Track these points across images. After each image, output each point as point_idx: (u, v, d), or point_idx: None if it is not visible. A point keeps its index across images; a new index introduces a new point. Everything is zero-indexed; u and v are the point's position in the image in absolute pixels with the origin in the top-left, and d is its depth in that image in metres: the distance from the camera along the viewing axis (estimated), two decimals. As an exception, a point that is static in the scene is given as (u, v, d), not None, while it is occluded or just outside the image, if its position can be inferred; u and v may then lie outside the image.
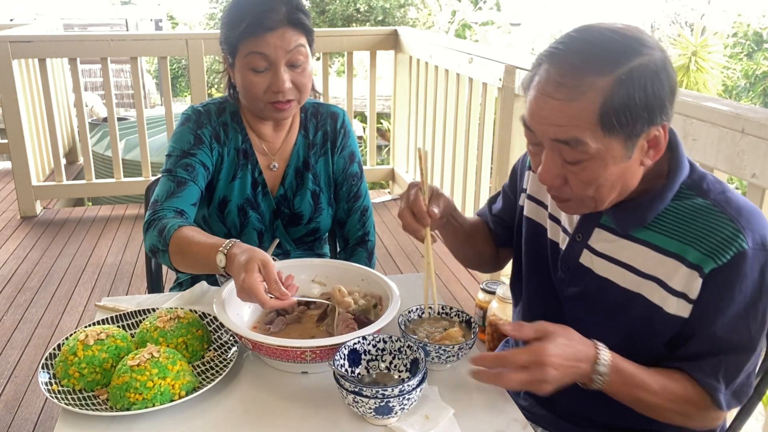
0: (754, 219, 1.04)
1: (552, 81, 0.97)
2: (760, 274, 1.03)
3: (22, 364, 2.55)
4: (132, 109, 8.18)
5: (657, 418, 1.11)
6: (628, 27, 1.00)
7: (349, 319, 1.23)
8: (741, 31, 10.71)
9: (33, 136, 4.25)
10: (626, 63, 0.95)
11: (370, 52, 4.27)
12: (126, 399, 1.03)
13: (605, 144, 0.98)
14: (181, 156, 1.49)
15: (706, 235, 1.04)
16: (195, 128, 1.52)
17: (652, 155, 1.03)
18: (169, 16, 17.92)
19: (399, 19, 13.25)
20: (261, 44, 1.39)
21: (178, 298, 1.41)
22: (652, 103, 0.96)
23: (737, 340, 1.06)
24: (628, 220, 1.10)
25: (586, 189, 1.04)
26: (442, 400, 1.08)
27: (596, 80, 0.95)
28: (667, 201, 1.08)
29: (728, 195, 1.07)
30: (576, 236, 1.18)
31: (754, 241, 1.02)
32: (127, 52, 4.03)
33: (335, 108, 1.66)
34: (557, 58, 0.98)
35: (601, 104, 0.95)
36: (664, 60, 0.98)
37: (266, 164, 1.59)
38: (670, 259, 1.06)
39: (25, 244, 3.70)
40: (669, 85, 0.98)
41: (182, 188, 1.45)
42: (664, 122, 1.00)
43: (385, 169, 4.70)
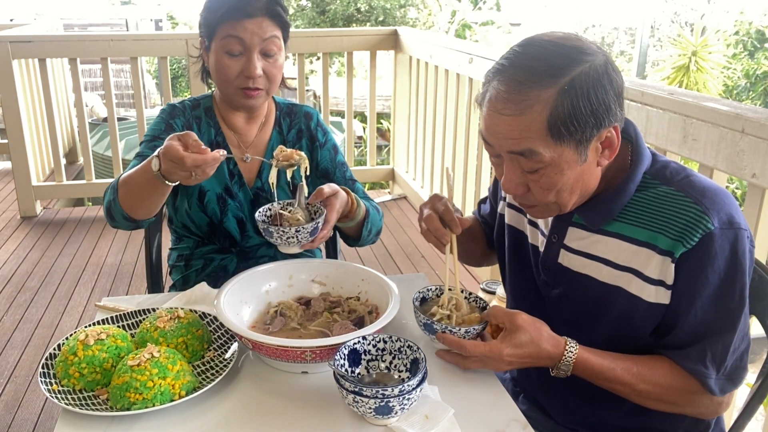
0: (718, 199, 1.06)
1: (501, 98, 1.02)
2: (731, 252, 1.05)
3: (22, 364, 2.55)
4: (132, 109, 8.17)
5: (647, 406, 1.13)
6: (567, 36, 1.04)
7: (348, 325, 1.23)
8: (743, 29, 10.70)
9: (33, 136, 4.26)
10: (567, 73, 0.99)
11: (370, 52, 4.27)
12: (126, 399, 1.03)
13: (558, 152, 1.03)
14: (151, 140, 1.55)
15: (673, 221, 1.06)
16: (167, 118, 1.59)
17: (608, 155, 1.07)
18: (169, 16, 17.90)
19: (399, 19, 13.25)
20: (238, 29, 1.44)
21: (178, 298, 1.41)
22: (597, 109, 1.00)
23: (718, 322, 1.07)
24: (597, 215, 1.14)
25: (548, 195, 1.09)
26: (442, 400, 1.08)
27: (541, 93, 1.00)
28: (631, 192, 1.11)
29: (691, 179, 1.10)
30: (552, 237, 1.21)
31: (720, 221, 1.04)
32: (127, 52, 4.04)
33: (308, 108, 1.71)
34: (503, 75, 1.03)
35: (548, 115, 1.00)
36: (605, 63, 1.02)
37: (239, 156, 1.61)
38: (643, 248, 1.09)
39: (25, 244, 3.70)
40: (613, 88, 1.02)
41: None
42: (614, 124, 1.04)
43: (385, 169, 4.70)
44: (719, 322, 1.07)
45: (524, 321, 1.11)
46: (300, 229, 1.29)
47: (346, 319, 1.27)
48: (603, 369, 1.11)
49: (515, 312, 1.13)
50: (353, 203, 1.44)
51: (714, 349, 1.07)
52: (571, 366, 1.11)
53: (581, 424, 1.27)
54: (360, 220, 1.49)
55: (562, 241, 1.19)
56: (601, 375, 1.11)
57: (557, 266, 1.21)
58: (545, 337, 1.11)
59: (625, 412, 1.21)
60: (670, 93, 1.90)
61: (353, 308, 1.30)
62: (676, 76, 9.88)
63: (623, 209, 1.12)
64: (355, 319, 1.26)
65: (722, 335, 1.07)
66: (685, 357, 1.09)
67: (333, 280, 1.37)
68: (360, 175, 4.70)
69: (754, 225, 1.67)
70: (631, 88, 2.03)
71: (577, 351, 1.11)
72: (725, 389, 1.10)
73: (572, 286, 1.20)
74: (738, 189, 7.13)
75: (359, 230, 1.52)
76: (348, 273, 1.37)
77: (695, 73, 9.71)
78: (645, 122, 1.97)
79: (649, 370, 1.11)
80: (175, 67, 13.50)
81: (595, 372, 1.11)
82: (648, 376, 1.10)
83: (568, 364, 1.11)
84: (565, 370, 1.11)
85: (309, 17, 12.74)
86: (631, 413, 1.20)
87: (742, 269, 1.06)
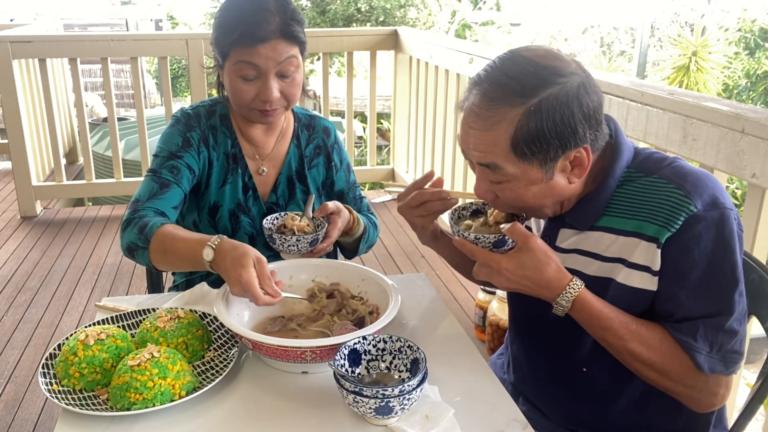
0: (700, 182, 1.07)
1: (472, 112, 1.07)
2: (717, 232, 1.05)
3: (22, 364, 2.55)
4: (132, 109, 8.18)
5: (635, 371, 1.12)
6: (547, 54, 1.06)
7: (348, 326, 1.23)
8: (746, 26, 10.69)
9: (33, 136, 4.26)
10: (536, 95, 1.01)
11: (370, 52, 4.27)
12: (126, 399, 1.03)
13: (521, 169, 1.06)
14: (168, 157, 1.49)
15: (658, 208, 1.08)
16: (184, 131, 1.52)
17: (578, 173, 1.09)
18: (169, 16, 17.90)
19: (399, 19, 13.25)
20: (252, 54, 1.38)
21: (178, 298, 1.41)
22: (562, 131, 1.02)
23: (711, 302, 1.06)
24: (585, 216, 1.16)
25: (515, 203, 1.12)
26: (442, 400, 1.08)
27: (508, 112, 1.03)
28: (611, 187, 1.13)
29: (674, 165, 1.11)
30: (544, 238, 1.22)
31: (704, 202, 1.05)
32: (127, 52, 4.03)
33: (327, 122, 1.69)
34: (478, 87, 1.07)
35: (512, 134, 1.03)
36: (579, 86, 1.04)
37: (255, 168, 1.58)
38: (630, 238, 1.10)
39: (25, 244, 3.70)
40: (582, 111, 1.03)
41: (165, 190, 1.45)
42: (584, 145, 1.05)
43: (385, 169, 4.70)
44: (713, 303, 1.06)
45: (536, 245, 1.09)
46: (300, 239, 1.37)
47: (346, 319, 1.27)
48: (601, 316, 1.09)
49: (531, 234, 1.10)
50: (354, 222, 1.51)
51: (706, 327, 1.06)
52: (570, 302, 1.09)
53: (579, 425, 1.28)
54: (358, 237, 1.57)
55: (554, 243, 1.21)
56: (598, 322, 1.10)
57: None
58: (552, 268, 1.09)
59: (621, 410, 1.20)
60: (670, 93, 1.90)
61: (354, 308, 1.30)
62: (676, 76, 9.88)
63: (610, 204, 1.13)
64: (356, 320, 1.26)
65: (718, 315, 1.06)
66: (677, 329, 1.08)
67: (333, 280, 1.37)
68: (360, 175, 4.70)
69: (754, 225, 1.67)
70: (631, 88, 2.03)
71: (580, 289, 1.09)
72: (715, 369, 1.08)
73: None
74: (738, 189, 7.13)
75: (356, 245, 1.60)
76: (348, 273, 1.37)
77: (695, 73, 9.71)
78: (645, 122, 1.97)
79: (646, 331, 1.10)
80: (175, 67, 13.50)
81: (594, 316, 1.09)
82: (644, 337, 1.09)
83: (569, 300, 1.09)
84: (563, 305, 1.09)
85: (309, 17, 12.73)
86: (628, 409, 1.20)
87: (731, 248, 1.05)
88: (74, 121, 5.28)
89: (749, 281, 1.25)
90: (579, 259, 1.17)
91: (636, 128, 2.01)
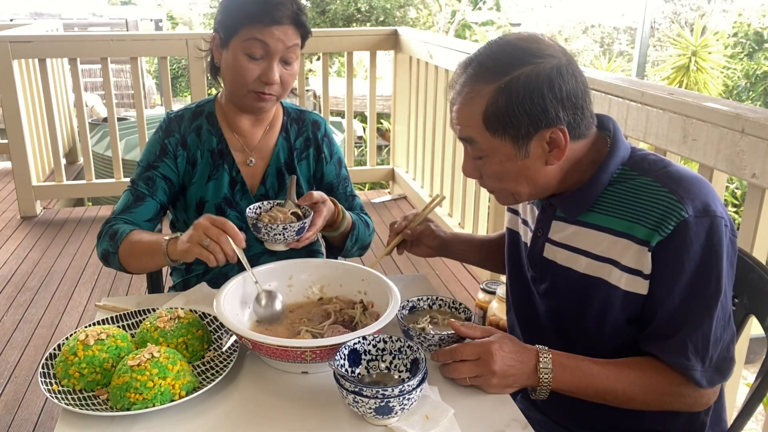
0: (694, 187, 1.08)
1: (454, 89, 1.13)
2: (707, 239, 1.05)
3: (22, 364, 2.55)
4: (132, 109, 8.17)
5: (635, 407, 1.14)
6: (528, 38, 1.11)
7: (339, 329, 1.23)
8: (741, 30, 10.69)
9: (33, 136, 4.25)
10: (509, 73, 1.06)
11: (370, 52, 4.27)
12: (126, 399, 1.03)
13: (494, 144, 1.11)
14: (146, 168, 1.56)
15: (650, 210, 1.08)
16: (162, 137, 1.57)
17: (557, 155, 1.11)
18: (169, 16, 17.90)
19: (399, 19, 13.25)
20: (265, 33, 1.41)
21: (178, 298, 1.41)
22: (531, 109, 1.06)
23: (695, 310, 1.07)
24: (573, 205, 1.17)
25: (496, 182, 1.17)
26: (442, 400, 1.08)
27: (482, 88, 1.08)
28: (604, 181, 1.14)
29: (669, 169, 1.12)
30: (537, 232, 1.25)
31: (695, 208, 1.05)
32: (127, 52, 4.03)
33: (317, 116, 1.70)
34: (464, 67, 1.12)
35: (484, 109, 1.08)
36: (554, 68, 1.06)
37: (243, 160, 1.60)
38: (621, 238, 1.11)
39: (25, 244, 3.70)
40: (554, 93, 1.06)
41: (139, 204, 1.53)
42: (558, 125, 1.07)
43: (385, 169, 4.70)
44: (696, 311, 1.07)
45: (500, 331, 1.14)
46: (287, 227, 1.33)
47: (339, 323, 1.27)
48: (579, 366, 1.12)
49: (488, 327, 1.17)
50: (339, 215, 1.50)
51: (694, 339, 1.08)
52: (551, 361, 1.11)
53: (578, 424, 1.28)
54: (344, 232, 1.55)
55: (547, 235, 1.22)
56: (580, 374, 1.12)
57: (543, 260, 1.24)
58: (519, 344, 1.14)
59: (619, 410, 1.20)
60: (670, 93, 1.90)
61: (352, 316, 1.30)
62: (676, 76, 9.88)
63: (601, 200, 1.14)
64: (347, 320, 1.26)
65: (700, 324, 1.07)
66: (666, 351, 1.10)
67: (333, 280, 1.37)
68: (360, 175, 4.71)
69: (754, 225, 1.67)
70: (631, 88, 2.03)
71: (550, 351, 1.13)
72: (714, 381, 1.10)
73: (557, 280, 1.22)
74: (738, 189, 7.12)
75: (343, 241, 1.57)
76: (348, 273, 1.37)
77: (695, 73, 9.71)
78: (645, 122, 1.97)
79: (630, 369, 1.12)
80: (175, 67, 13.50)
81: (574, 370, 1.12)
82: (631, 374, 1.12)
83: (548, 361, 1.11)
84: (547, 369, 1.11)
85: (309, 17, 12.71)
86: (626, 409, 1.20)
87: (718, 256, 1.06)
88: (74, 121, 5.28)
89: (749, 281, 1.25)
90: (571, 257, 1.18)
91: (636, 128, 2.01)
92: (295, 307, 1.34)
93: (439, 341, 1.17)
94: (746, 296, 1.26)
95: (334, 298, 1.35)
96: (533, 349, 1.13)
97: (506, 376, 1.10)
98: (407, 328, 1.19)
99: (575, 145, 1.12)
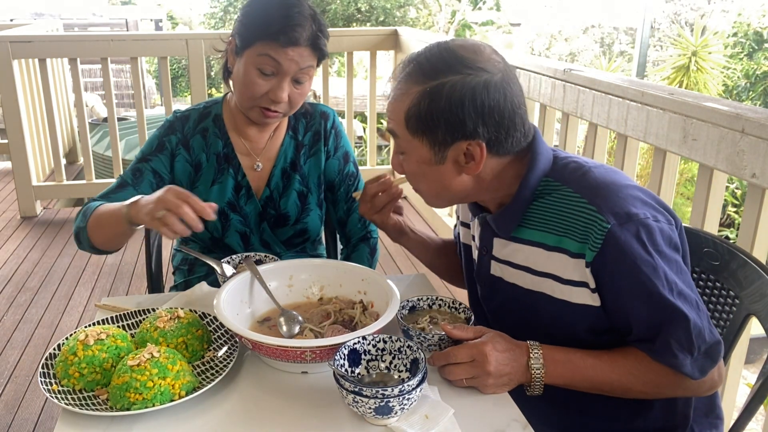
0: (610, 194, 1.07)
1: (393, 84, 1.15)
2: (638, 243, 1.05)
3: (22, 364, 2.55)
4: (132, 109, 8.17)
5: (633, 396, 1.14)
6: (469, 47, 1.10)
7: (340, 329, 1.23)
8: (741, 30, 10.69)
9: (33, 136, 4.26)
10: (437, 78, 1.07)
11: (370, 52, 4.27)
12: (126, 399, 1.03)
13: (413, 143, 1.12)
14: (139, 160, 1.55)
15: (574, 223, 1.09)
16: (163, 134, 1.56)
17: (473, 167, 1.11)
18: (169, 16, 17.89)
19: (399, 19, 13.25)
20: (280, 53, 1.38)
21: (178, 298, 1.41)
22: (449, 119, 1.07)
23: (662, 312, 1.07)
24: (503, 223, 1.17)
25: (414, 182, 1.19)
26: (442, 400, 1.07)
27: (411, 87, 1.10)
28: (527, 197, 1.14)
29: (586, 176, 1.12)
30: (482, 250, 1.25)
31: (616, 215, 1.05)
32: (127, 52, 4.03)
33: (325, 107, 1.66)
34: (407, 63, 1.13)
35: (408, 108, 1.10)
36: (481, 83, 1.05)
37: (250, 165, 1.58)
38: (555, 252, 1.11)
39: (25, 244, 3.70)
40: (475, 108, 1.06)
41: (119, 191, 1.51)
42: (476, 139, 1.07)
43: (385, 169, 4.70)
44: (664, 312, 1.07)
45: (491, 330, 1.14)
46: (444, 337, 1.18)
47: (339, 323, 1.27)
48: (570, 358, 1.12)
49: (479, 326, 1.16)
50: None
51: (675, 337, 1.07)
52: (541, 356, 1.11)
53: (577, 421, 1.27)
54: None
55: (491, 252, 1.22)
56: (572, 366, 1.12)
57: (490, 278, 1.24)
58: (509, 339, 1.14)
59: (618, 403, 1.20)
60: (670, 93, 1.90)
61: (351, 316, 1.30)
62: (676, 76, 9.87)
63: (529, 215, 1.15)
64: (347, 320, 1.26)
65: (672, 322, 1.07)
66: (654, 352, 1.10)
67: (333, 280, 1.37)
68: (360, 175, 4.70)
69: (754, 225, 1.67)
70: (631, 88, 2.03)
71: (540, 346, 1.13)
72: (705, 368, 1.10)
73: (505, 297, 1.23)
74: (738, 189, 7.12)
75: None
76: (348, 273, 1.37)
77: (695, 73, 9.70)
78: (645, 122, 1.97)
79: (622, 356, 1.12)
80: (175, 67, 13.49)
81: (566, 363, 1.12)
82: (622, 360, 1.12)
83: (538, 356, 1.11)
84: (539, 365, 1.11)
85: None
86: (625, 401, 1.20)
87: (658, 252, 1.05)
88: (74, 121, 5.28)
89: (748, 281, 1.25)
90: (515, 273, 1.19)
91: (636, 128, 2.01)
92: (295, 307, 1.34)
93: (439, 341, 1.17)
94: (746, 296, 1.26)
95: (334, 298, 1.35)
96: (524, 345, 1.13)
97: (501, 375, 1.10)
98: (407, 328, 1.19)
99: (497, 160, 1.12)
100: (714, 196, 1.84)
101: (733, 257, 1.28)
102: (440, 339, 1.17)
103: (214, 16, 14.78)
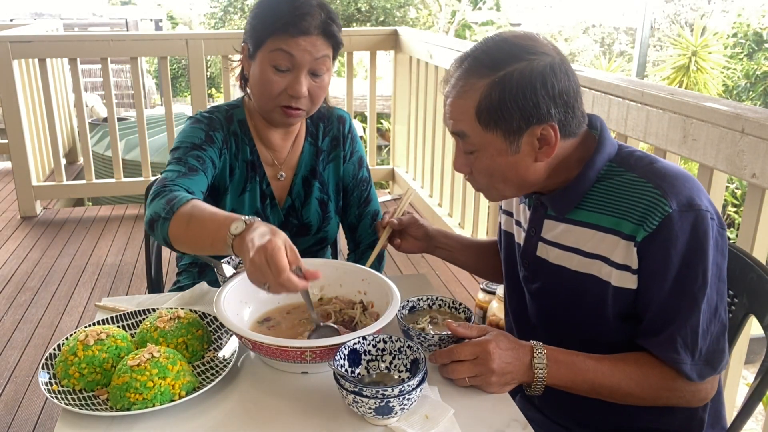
0: (678, 182, 1.09)
1: (451, 83, 1.15)
2: (692, 233, 1.06)
3: (22, 364, 2.55)
4: (132, 109, 8.17)
5: (631, 403, 1.15)
6: (523, 35, 1.12)
7: (341, 329, 1.23)
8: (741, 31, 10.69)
9: (33, 136, 4.26)
10: (503, 68, 1.08)
11: (370, 52, 4.27)
12: (126, 399, 1.03)
13: (486, 138, 1.11)
14: (192, 148, 1.42)
15: (635, 206, 1.09)
16: (207, 129, 1.47)
17: (547, 152, 1.12)
18: (169, 16, 17.89)
19: (399, 19, 13.26)
20: (291, 44, 1.36)
21: (178, 298, 1.41)
22: (524, 105, 1.07)
23: (682, 304, 1.08)
24: (562, 203, 1.18)
25: (485, 178, 1.17)
26: (442, 400, 1.08)
27: (476, 82, 1.10)
28: (591, 178, 1.15)
29: (655, 165, 1.13)
30: (530, 231, 1.25)
31: (679, 203, 1.06)
32: (127, 52, 4.04)
33: (341, 111, 1.65)
34: (460, 62, 1.14)
35: (477, 103, 1.10)
36: (548, 66, 1.08)
37: (274, 175, 1.56)
38: (609, 234, 1.12)
39: (25, 244, 3.70)
40: (546, 90, 1.07)
41: (193, 174, 1.38)
42: (549, 122, 1.08)
43: (385, 169, 4.70)
44: (683, 305, 1.08)
45: (496, 329, 1.15)
46: (444, 337, 1.18)
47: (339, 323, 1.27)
48: (574, 361, 1.13)
49: (484, 326, 1.17)
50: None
51: (683, 333, 1.08)
52: (545, 357, 1.12)
53: (577, 423, 1.28)
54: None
55: (540, 234, 1.23)
56: (574, 368, 1.12)
57: (536, 259, 1.24)
58: (514, 340, 1.14)
59: (618, 409, 1.20)
60: (670, 93, 1.90)
61: (352, 316, 1.30)
62: (676, 76, 9.88)
63: (588, 197, 1.15)
64: (347, 320, 1.26)
65: (688, 318, 1.08)
66: (657, 346, 1.11)
67: (333, 280, 1.37)
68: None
69: (754, 225, 1.67)
70: (631, 88, 2.03)
71: (545, 347, 1.13)
72: (704, 374, 1.11)
73: (549, 279, 1.23)
74: (738, 189, 7.12)
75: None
76: (348, 273, 1.37)
77: (695, 73, 9.70)
78: (645, 122, 1.97)
79: (624, 363, 1.13)
80: (175, 67, 13.49)
81: (569, 364, 1.12)
82: (624, 367, 1.12)
83: (542, 355, 1.12)
84: (542, 364, 1.12)
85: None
86: (624, 409, 1.20)
87: (704, 250, 1.06)
88: (74, 121, 5.28)
89: (748, 281, 1.25)
90: (563, 255, 1.19)
91: (636, 128, 2.01)
92: (295, 307, 1.33)
93: (439, 341, 1.17)
94: (746, 296, 1.26)
95: (334, 298, 1.35)
96: (528, 345, 1.13)
97: (504, 374, 1.10)
98: (407, 328, 1.19)
99: (565, 143, 1.13)
100: (714, 196, 1.84)
101: (733, 257, 1.28)
102: (440, 339, 1.17)
103: (214, 16, 14.78)
